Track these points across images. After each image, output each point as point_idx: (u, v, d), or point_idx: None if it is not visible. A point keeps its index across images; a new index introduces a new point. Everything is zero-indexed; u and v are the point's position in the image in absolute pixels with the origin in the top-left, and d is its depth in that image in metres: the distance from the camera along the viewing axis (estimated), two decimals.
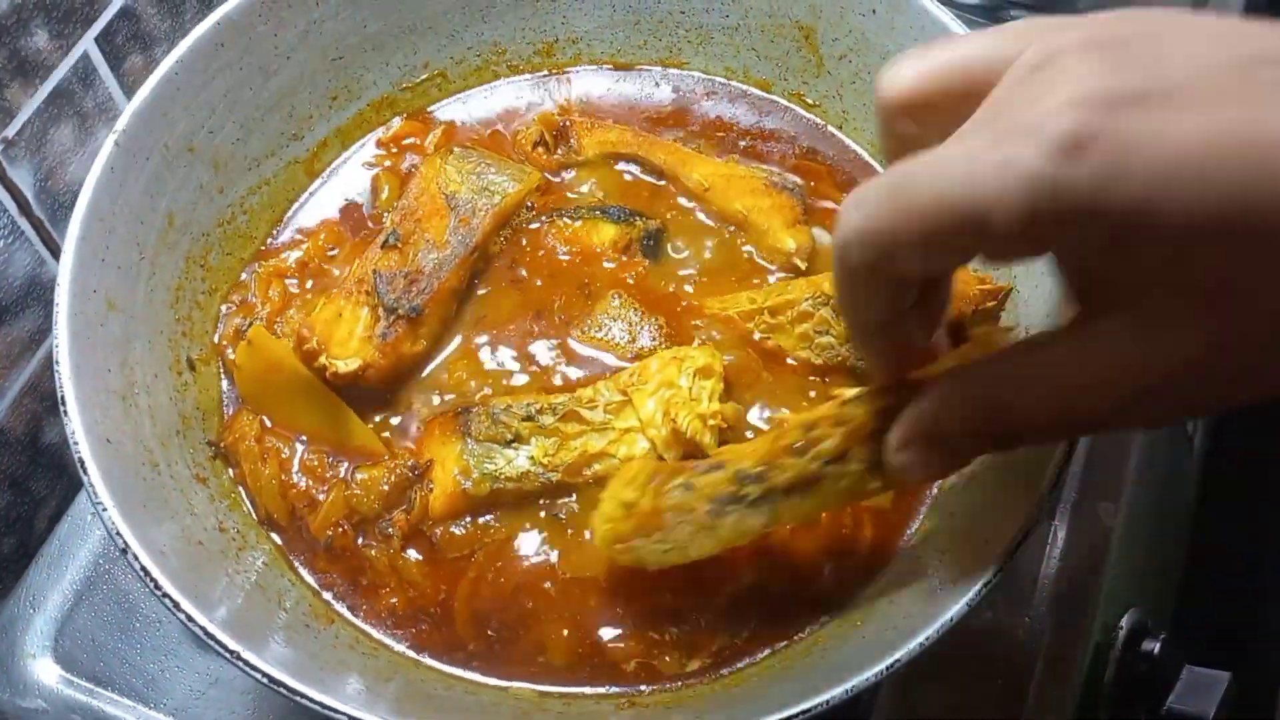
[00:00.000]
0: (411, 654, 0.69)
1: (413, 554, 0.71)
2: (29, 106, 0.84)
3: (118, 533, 0.61)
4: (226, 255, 0.80)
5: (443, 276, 0.77)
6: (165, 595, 0.60)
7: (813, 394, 0.75)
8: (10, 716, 0.81)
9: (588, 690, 0.68)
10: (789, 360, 0.76)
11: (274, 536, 0.73)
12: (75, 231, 0.69)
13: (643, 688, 0.68)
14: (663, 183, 0.85)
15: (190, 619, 0.59)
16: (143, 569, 0.60)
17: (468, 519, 0.72)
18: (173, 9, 0.95)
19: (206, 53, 0.77)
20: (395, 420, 0.75)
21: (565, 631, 0.69)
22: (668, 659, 0.68)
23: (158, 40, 0.94)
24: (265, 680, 0.58)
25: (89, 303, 0.69)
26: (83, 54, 0.87)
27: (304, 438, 0.74)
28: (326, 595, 0.71)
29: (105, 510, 0.61)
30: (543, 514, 0.72)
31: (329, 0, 0.82)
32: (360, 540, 0.71)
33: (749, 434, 0.74)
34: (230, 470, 0.74)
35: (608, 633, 0.69)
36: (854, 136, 0.87)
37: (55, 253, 0.88)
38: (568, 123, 0.87)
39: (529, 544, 0.71)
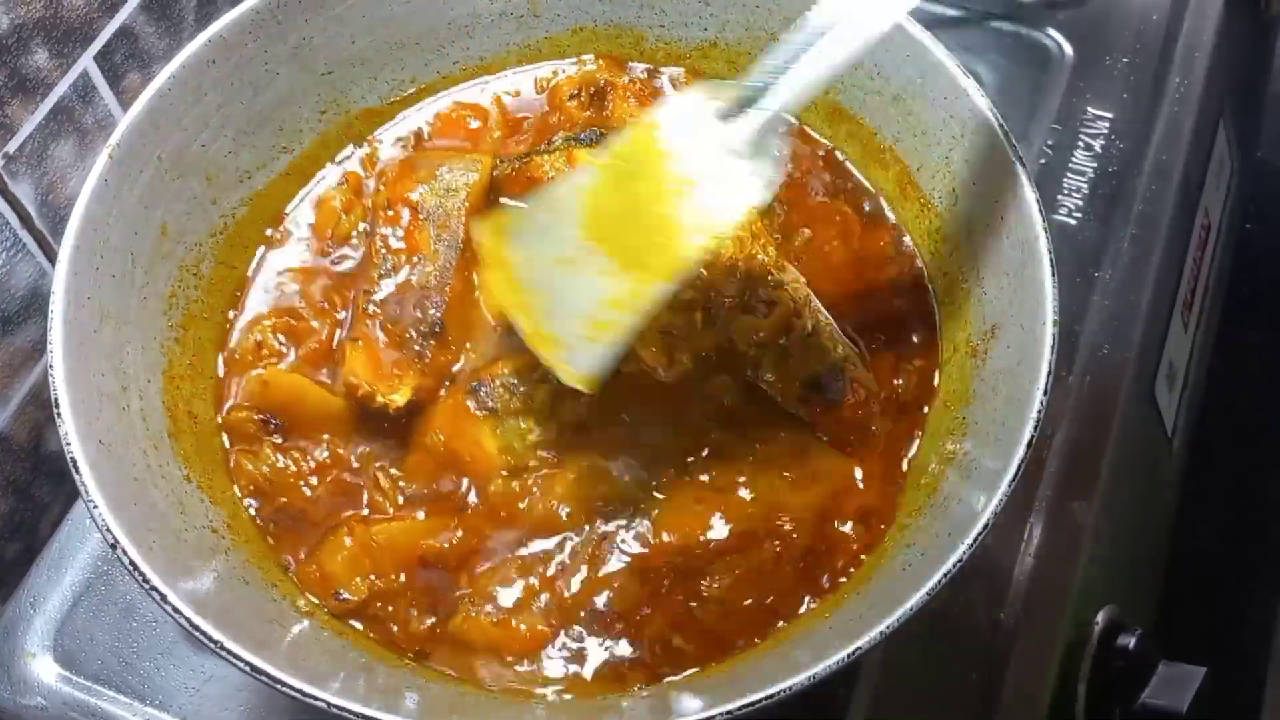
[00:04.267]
0: (380, 645, 0.72)
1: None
2: (30, 123, 0.86)
3: (108, 529, 0.63)
4: (219, 264, 0.82)
5: (448, 286, 0.79)
6: (153, 589, 0.62)
7: None
8: (11, 714, 0.83)
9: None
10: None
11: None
12: (70, 241, 0.71)
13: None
14: None
15: (177, 610, 0.61)
16: (131, 563, 0.62)
17: None
18: (170, 28, 0.98)
19: (199, 69, 0.79)
20: None
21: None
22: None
23: (155, 58, 0.96)
24: (248, 669, 0.60)
25: (83, 310, 0.71)
26: (82, 72, 0.89)
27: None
28: (310, 593, 0.73)
29: (96, 508, 0.64)
30: None
31: (317, 19, 0.84)
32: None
33: None
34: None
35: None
36: None
37: None
38: (608, 85, 0.89)
39: None
